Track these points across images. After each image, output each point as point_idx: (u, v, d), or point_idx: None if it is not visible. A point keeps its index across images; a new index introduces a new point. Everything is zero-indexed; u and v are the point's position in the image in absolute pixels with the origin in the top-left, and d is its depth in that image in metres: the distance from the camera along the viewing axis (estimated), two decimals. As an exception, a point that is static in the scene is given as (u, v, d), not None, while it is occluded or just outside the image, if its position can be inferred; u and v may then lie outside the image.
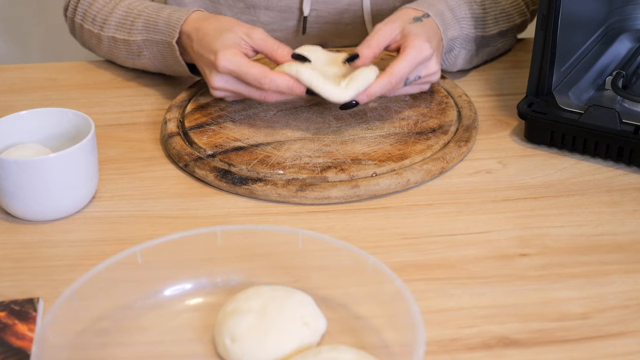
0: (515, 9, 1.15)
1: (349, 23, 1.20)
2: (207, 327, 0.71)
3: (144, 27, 1.06)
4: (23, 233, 0.85)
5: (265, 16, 1.18)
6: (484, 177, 0.92)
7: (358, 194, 0.88)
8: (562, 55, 0.98)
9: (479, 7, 1.09)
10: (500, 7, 1.12)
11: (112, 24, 1.10)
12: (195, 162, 0.93)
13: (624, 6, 1.14)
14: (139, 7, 1.09)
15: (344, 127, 0.98)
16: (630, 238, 0.83)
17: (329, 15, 1.20)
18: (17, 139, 0.89)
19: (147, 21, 1.06)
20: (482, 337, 0.70)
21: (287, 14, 1.19)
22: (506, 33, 1.14)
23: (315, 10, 1.19)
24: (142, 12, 1.07)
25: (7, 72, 1.20)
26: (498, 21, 1.12)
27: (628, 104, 0.98)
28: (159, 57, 1.07)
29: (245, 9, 1.18)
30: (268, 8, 1.18)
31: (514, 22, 1.15)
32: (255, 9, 1.18)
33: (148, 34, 1.06)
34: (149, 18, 1.06)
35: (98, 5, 1.13)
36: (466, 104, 1.03)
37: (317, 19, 1.19)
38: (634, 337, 0.70)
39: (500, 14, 1.12)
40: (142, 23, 1.06)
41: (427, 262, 0.79)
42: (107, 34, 1.11)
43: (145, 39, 1.06)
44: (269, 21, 1.19)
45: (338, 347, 0.65)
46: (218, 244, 0.74)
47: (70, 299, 0.67)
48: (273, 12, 1.18)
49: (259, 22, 1.19)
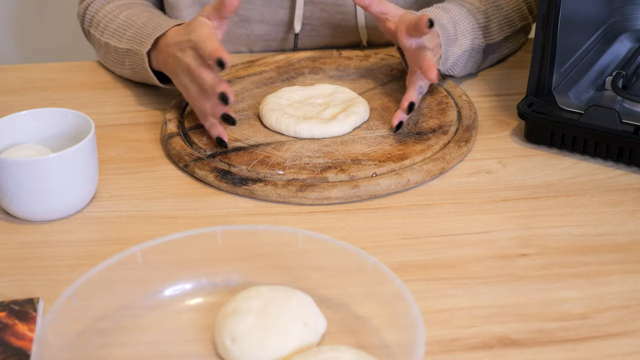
0: (516, 13, 1.15)
1: (343, 36, 1.21)
2: (207, 327, 0.71)
3: (132, 37, 1.06)
4: (23, 233, 0.85)
5: (260, 29, 1.19)
6: (484, 177, 0.92)
7: (358, 194, 0.88)
8: (562, 55, 0.98)
9: (483, 16, 1.09)
10: (503, 13, 1.13)
11: (110, 31, 1.11)
12: (195, 162, 0.93)
13: (624, 6, 1.14)
14: (135, 18, 1.09)
15: (344, 127, 0.98)
16: (630, 238, 0.83)
17: (323, 28, 1.20)
18: (17, 139, 0.89)
19: (136, 32, 1.06)
20: (482, 337, 0.70)
21: (281, 27, 1.19)
22: (509, 38, 1.15)
23: (309, 24, 1.19)
24: (135, 23, 1.07)
25: (7, 72, 1.20)
26: (502, 28, 1.12)
27: (628, 104, 0.98)
28: (135, 68, 1.07)
29: (240, 22, 1.19)
30: (262, 22, 1.19)
31: (515, 28, 1.15)
32: (249, 23, 1.18)
33: (132, 44, 1.06)
34: (139, 29, 1.06)
35: (104, 12, 1.14)
36: (466, 104, 1.03)
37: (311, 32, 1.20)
38: (634, 337, 0.70)
39: (503, 20, 1.12)
40: (132, 33, 1.07)
41: (427, 262, 0.79)
42: (104, 39, 1.11)
43: (128, 49, 1.07)
44: (264, 34, 1.20)
45: (338, 347, 0.65)
46: (218, 244, 0.74)
47: (70, 299, 0.67)
48: (268, 25, 1.19)
49: (253, 35, 1.20)
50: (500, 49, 1.14)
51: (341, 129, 0.96)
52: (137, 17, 1.08)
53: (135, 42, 1.05)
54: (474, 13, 1.08)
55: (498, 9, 1.12)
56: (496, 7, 1.12)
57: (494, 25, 1.11)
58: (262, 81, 1.10)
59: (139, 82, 1.13)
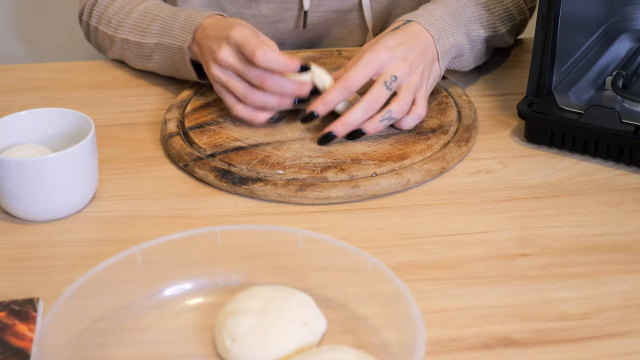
0: (516, 7, 1.15)
1: (349, 10, 1.21)
2: (207, 327, 0.71)
3: (159, 31, 1.07)
4: (23, 233, 0.85)
5: (267, 9, 1.19)
6: (484, 177, 0.92)
7: (358, 194, 0.88)
8: (562, 55, 0.98)
9: (483, 8, 1.09)
10: (504, 6, 1.12)
11: (127, 27, 1.11)
12: (195, 162, 0.93)
13: (624, 6, 1.14)
14: (155, 11, 1.10)
15: (344, 127, 0.98)
16: (630, 238, 0.83)
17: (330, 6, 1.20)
18: (17, 139, 0.89)
19: (163, 25, 1.07)
20: (482, 337, 0.70)
21: (288, 5, 1.19)
22: (511, 31, 1.15)
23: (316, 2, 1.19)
24: (158, 16, 1.08)
25: (7, 72, 1.20)
26: (504, 20, 1.12)
27: (628, 104, 0.98)
28: (168, 61, 1.08)
29: (247, 2, 1.19)
30: (269, 1, 1.18)
31: (514, 22, 1.15)
32: (256, 2, 1.19)
33: (162, 38, 1.06)
34: (165, 22, 1.07)
35: (114, 8, 1.14)
36: (466, 104, 1.03)
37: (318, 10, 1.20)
38: (634, 337, 0.70)
39: (504, 13, 1.12)
40: (158, 27, 1.07)
41: (427, 262, 0.79)
42: (120, 35, 1.12)
43: (157, 43, 1.07)
44: (271, 13, 1.20)
45: (338, 347, 0.65)
46: (218, 244, 0.74)
47: (70, 299, 0.67)
48: (274, 4, 1.19)
49: (260, 15, 1.20)
50: (501, 42, 1.14)
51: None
52: (156, 11, 1.09)
53: (169, 36, 1.05)
54: (475, 5, 1.08)
55: (499, 1, 1.12)
56: (497, 1, 1.12)
57: (495, 18, 1.10)
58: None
59: (138, 82, 1.13)
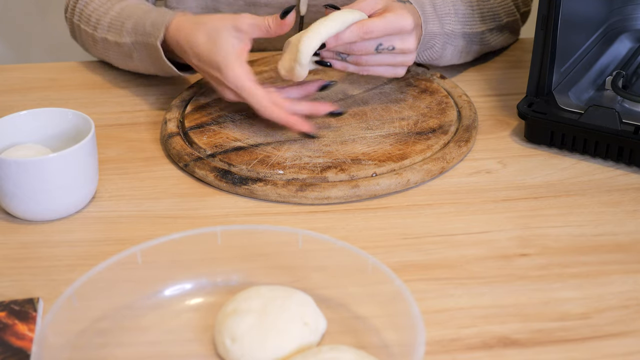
0: (502, 8, 1.14)
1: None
2: (207, 327, 0.71)
3: (133, 29, 1.06)
4: (23, 233, 0.85)
5: (266, 13, 1.19)
6: (484, 177, 0.92)
7: (358, 194, 0.88)
8: (562, 55, 0.98)
9: (464, 4, 1.09)
10: (489, 5, 1.12)
11: (104, 25, 1.10)
12: (195, 162, 0.93)
13: (624, 6, 1.14)
14: (129, 10, 1.08)
15: (344, 127, 0.98)
16: (630, 238, 0.83)
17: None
18: (17, 139, 0.89)
19: (136, 23, 1.05)
20: (482, 337, 0.70)
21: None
22: (493, 31, 1.14)
23: (315, 5, 1.19)
24: (132, 15, 1.07)
25: (7, 72, 1.20)
26: (485, 19, 1.12)
27: (628, 104, 0.98)
28: (147, 60, 1.07)
29: (245, 6, 1.19)
30: (268, 5, 1.19)
31: (499, 22, 1.14)
32: (255, 7, 1.19)
33: (136, 36, 1.05)
34: (138, 20, 1.05)
35: (94, 5, 1.13)
36: (466, 104, 1.03)
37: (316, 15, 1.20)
38: (634, 337, 0.70)
39: (487, 12, 1.12)
40: (132, 25, 1.06)
41: (427, 262, 0.79)
42: (100, 35, 1.11)
43: (134, 41, 1.06)
44: None
45: (338, 347, 0.65)
46: (218, 244, 0.74)
47: (70, 299, 0.67)
48: (273, 8, 1.19)
49: None
50: (486, 41, 1.13)
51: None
52: (130, 9, 1.08)
53: (142, 34, 1.04)
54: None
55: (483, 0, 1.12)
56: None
57: (476, 15, 1.10)
58: (262, 81, 1.10)
59: (138, 82, 1.13)
